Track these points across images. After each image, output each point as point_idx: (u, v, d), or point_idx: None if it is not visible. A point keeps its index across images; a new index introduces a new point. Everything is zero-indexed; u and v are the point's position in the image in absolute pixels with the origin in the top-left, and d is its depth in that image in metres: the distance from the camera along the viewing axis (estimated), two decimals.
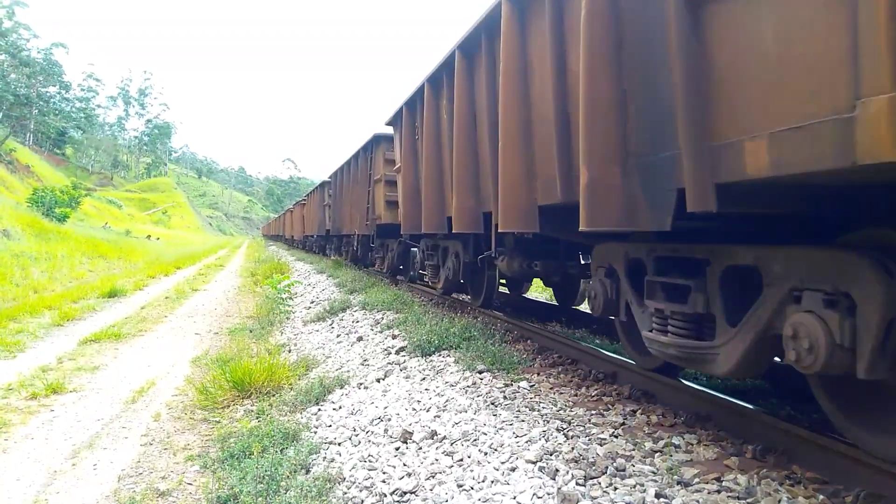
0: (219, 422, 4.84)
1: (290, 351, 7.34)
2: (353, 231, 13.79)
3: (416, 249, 10.37)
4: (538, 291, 10.86)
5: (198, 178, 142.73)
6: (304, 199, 27.18)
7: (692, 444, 2.98)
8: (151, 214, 75.57)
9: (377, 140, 11.25)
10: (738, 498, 2.37)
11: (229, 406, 5.20)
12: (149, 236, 42.30)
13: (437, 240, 8.27)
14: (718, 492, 2.43)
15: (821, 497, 2.37)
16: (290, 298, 12.05)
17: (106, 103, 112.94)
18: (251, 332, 8.64)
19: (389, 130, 9.86)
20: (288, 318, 9.90)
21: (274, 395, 5.24)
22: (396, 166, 8.61)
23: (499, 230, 4.78)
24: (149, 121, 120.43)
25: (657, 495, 2.39)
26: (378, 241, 12.09)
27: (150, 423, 4.82)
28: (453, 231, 6.07)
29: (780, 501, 2.32)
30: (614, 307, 3.92)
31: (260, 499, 3.12)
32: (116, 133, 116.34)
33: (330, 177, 18.13)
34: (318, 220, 20.44)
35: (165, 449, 4.28)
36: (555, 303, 8.59)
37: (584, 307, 7.78)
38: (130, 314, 10.42)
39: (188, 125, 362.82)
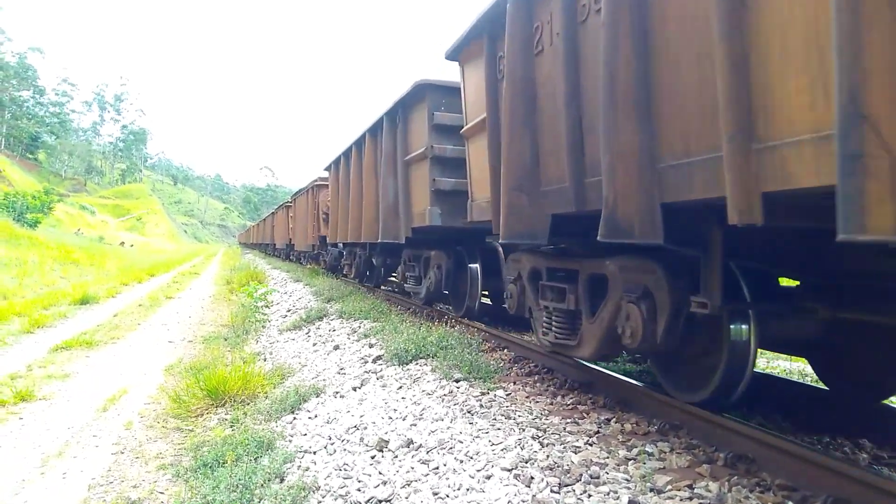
0: (192, 430, 4.79)
1: (265, 360, 7.28)
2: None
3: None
4: None
5: (173, 185, 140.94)
6: (321, 179, 14.90)
7: (665, 452, 3.01)
8: (125, 221, 74.58)
9: None
10: None
11: (203, 415, 5.14)
12: (122, 243, 41.74)
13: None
14: (690, 499, 2.46)
15: (789, 503, 2.41)
16: (266, 307, 11.95)
17: (81, 108, 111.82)
18: (226, 340, 8.56)
19: None
20: (263, 327, 9.82)
21: (248, 404, 5.19)
22: None
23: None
24: (124, 126, 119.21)
25: (631, 502, 2.42)
26: None
27: (122, 431, 4.75)
28: None
29: None
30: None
31: None
32: (91, 138, 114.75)
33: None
34: (386, 205, 7.82)
35: (137, 458, 4.22)
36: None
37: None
38: (103, 322, 10.26)
39: (164, 131, 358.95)
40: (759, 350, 3.44)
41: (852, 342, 3.70)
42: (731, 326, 3.24)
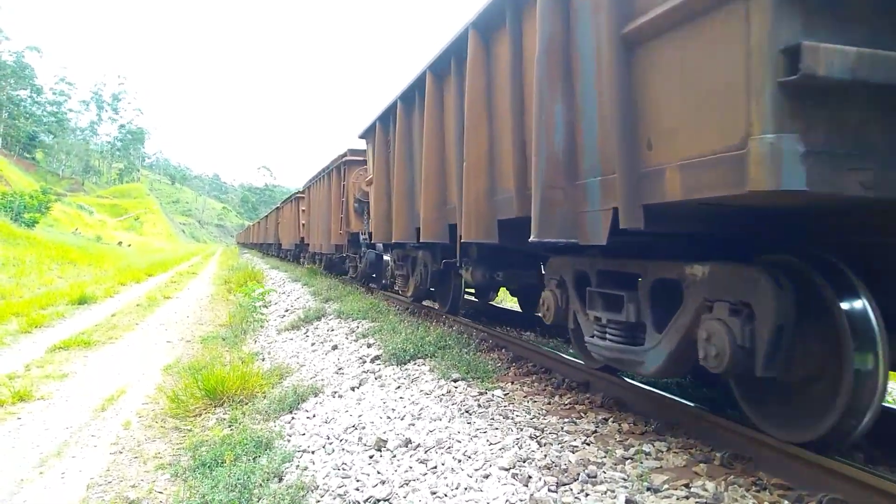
0: (190, 430, 4.79)
1: (263, 359, 7.28)
2: None
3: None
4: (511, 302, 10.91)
5: (171, 185, 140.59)
6: (353, 152, 11.39)
7: (662, 452, 3.03)
8: (123, 221, 74.52)
9: None
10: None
11: (201, 414, 5.14)
12: (120, 243, 41.70)
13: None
14: (687, 498, 2.48)
15: (785, 503, 2.43)
16: (265, 307, 11.94)
17: (78, 107, 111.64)
18: (224, 340, 8.55)
19: None
20: (262, 327, 9.81)
21: (247, 404, 5.19)
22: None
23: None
24: (122, 126, 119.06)
25: (627, 501, 2.43)
26: None
27: (120, 431, 4.75)
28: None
29: None
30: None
31: None
32: (88, 138, 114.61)
33: None
34: (550, 157, 3.21)
35: (136, 457, 4.22)
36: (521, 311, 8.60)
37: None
38: (100, 322, 10.24)
39: (162, 131, 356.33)
40: None
41: None
42: None
